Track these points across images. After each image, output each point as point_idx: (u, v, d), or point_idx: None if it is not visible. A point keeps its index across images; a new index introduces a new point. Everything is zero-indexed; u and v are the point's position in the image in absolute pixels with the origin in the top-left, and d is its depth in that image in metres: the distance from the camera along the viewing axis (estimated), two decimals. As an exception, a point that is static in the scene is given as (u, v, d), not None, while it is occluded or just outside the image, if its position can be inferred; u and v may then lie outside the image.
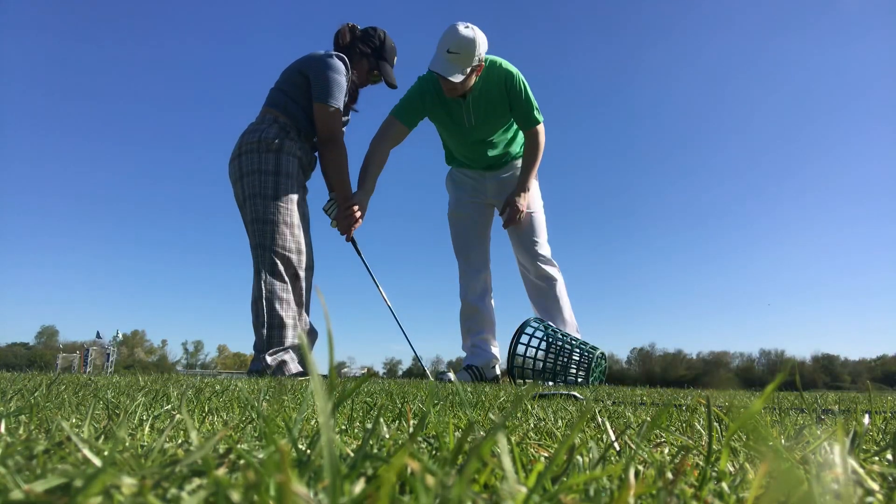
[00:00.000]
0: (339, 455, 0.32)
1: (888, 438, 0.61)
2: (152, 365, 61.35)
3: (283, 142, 2.87)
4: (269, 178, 2.82)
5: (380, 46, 3.15)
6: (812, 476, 0.31)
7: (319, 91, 2.88)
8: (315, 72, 2.91)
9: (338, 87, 2.90)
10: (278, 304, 2.77)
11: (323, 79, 2.89)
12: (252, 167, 2.85)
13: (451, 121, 3.32)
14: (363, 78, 3.18)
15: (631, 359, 78.70)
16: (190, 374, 6.68)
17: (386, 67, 3.18)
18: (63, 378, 1.83)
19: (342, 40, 3.13)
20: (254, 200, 2.83)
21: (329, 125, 2.89)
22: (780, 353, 75.97)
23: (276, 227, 2.80)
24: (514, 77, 3.19)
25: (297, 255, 2.86)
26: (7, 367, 4.71)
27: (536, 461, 0.43)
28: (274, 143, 2.85)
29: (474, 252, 3.57)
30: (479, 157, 3.49)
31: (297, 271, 2.87)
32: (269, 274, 2.78)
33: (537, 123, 3.28)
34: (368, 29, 3.18)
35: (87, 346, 28.45)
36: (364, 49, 3.13)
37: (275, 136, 2.86)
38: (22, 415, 0.60)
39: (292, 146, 2.91)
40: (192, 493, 0.29)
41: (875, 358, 77.22)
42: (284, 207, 2.83)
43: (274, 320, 2.75)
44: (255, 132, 2.90)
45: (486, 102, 3.22)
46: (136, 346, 73.02)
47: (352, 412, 0.77)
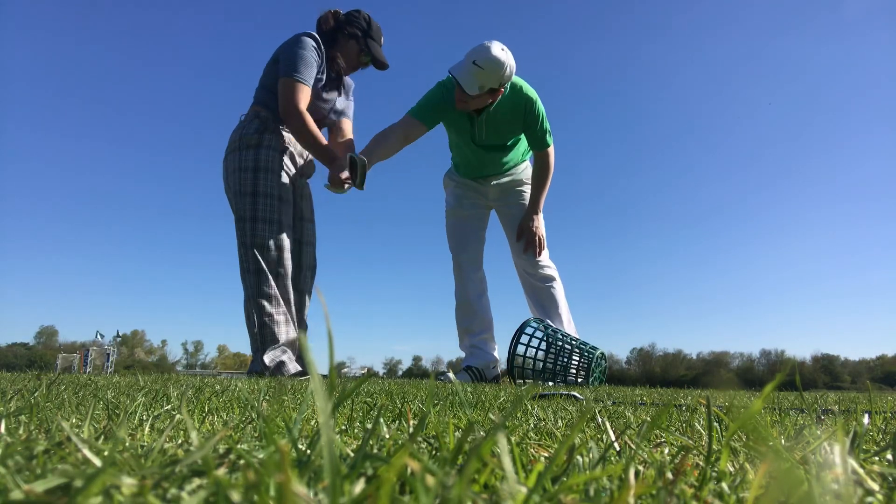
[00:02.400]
0: (339, 455, 0.32)
1: (888, 438, 0.61)
2: (152, 365, 61.33)
3: (261, 136, 2.84)
4: (247, 174, 2.80)
5: (366, 27, 3.08)
6: (812, 476, 0.31)
7: (283, 67, 2.83)
8: (283, 53, 2.87)
9: (302, 61, 2.82)
10: (265, 302, 2.75)
11: (288, 56, 2.83)
12: (234, 165, 2.84)
13: (461, 130, 3.31)
14: (353, 61, 3.09)
15: (631, 359, 78.69)
16: (190, 374, 6.68)
17: (375, 47, 3.10)
18: (63, 378, 1.83)
19: (325, 26, 3.04)
20: (235, 199, 2.83)
21: (285, 97, 2.79)
22: (780, 353, 75.96)
23: (255, 223, 2.78)
24: (535, 103, 3.18)
25: (278, 251, 2.82)
26: (7, 367, 4.71)
27: (536, 461, 0.43)
28: (252, 138, 2.83)
29: (471, 251, 3.56)
30: (482, 167, 3.48)
31: (279, 268, 2.83)
32: (255, 273, 2.76)
33: (549, 146, 3.30)
34: (352, 11, 3.10)
35: (87, 346, 28.46)
36: (352, 30, 3.05)
37: (254, 131, 2.84)
38: (22, 415, 0.60)
39: (272, 139, 2.86)
40: (192, 493, 0.29)
41: (875, 358, 77.23)
42: (263, 203, 2.80)
43: (264, 318, 2.74)
44: (237, 130, 2.90)
45: (501, 122, 3.21)
46: (136, 347, 73.02)
47: (352, 412, 0.77)
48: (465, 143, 3.37)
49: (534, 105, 3.18)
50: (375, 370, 64.00)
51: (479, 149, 3.37)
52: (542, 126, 3.22)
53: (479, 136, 3.27)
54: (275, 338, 2.75)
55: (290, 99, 2.79)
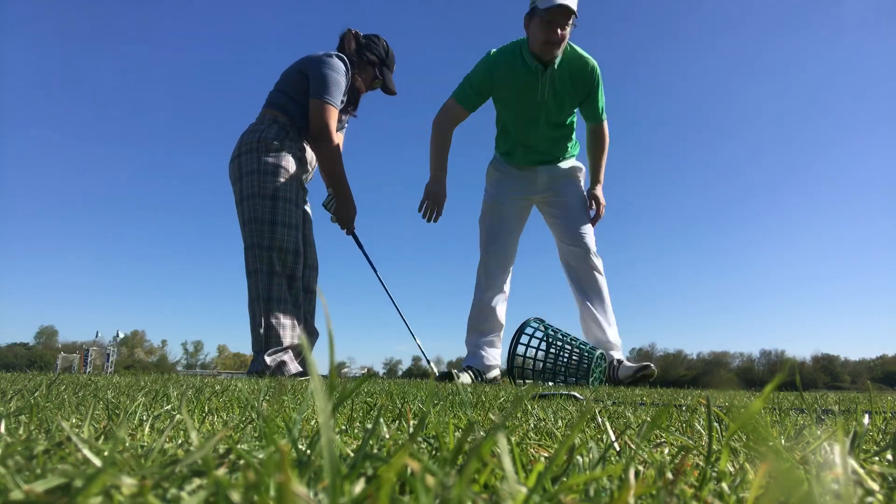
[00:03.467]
0: (339, 455, 0.32)
1: (888, 438, 0.61)
2: (152, 365, 61.33)
3: (283, 142, 2.88)
4: (268, 178, 2.82)
5: (384, 55, 3.21)
6: (812, 476, 0.31)
7: (316, 87, 2.90)
8: (314, 70, 2.92)
9: (335, 85, 2.92)
10: (275, 304, 2.77)
11: (321, 76, 2.90)
12: (252, 167, 2.84)
13: (522, 92, 3.17)
14: (367, 84, 3.21)
15: (631, 359, 78.63)
16: (190, 374, 6.68)
17: (388, 75, 3.24)
18: (63, 378, 1.83)
19: (348, 46, 3.15)
20: (252, 200, 2.83)
21: (322, 120, 2.89)
22: (780, 353, 76.01)
23: (274, 226, 2.80)
24: (597, 69, 3.17)
25: (295, 255, 2.86)
26: (7, 367, 4.71)
27: (536, 461, 0.43)
28: (273, 143, 2.85)
29: (505, 250, 3.42)
30: (536, 149, 3.36)
31: (294, 271, 2.86)
32: (267, 274, 2.78)
33: (604, 118, 3.35)
34: (372, 37, 3.22)
35: (87, 346, 28.47)
36: (371, 57, 3.17)
37: (275, 136, 2.87)
38: (22, 415, 0.60)
39: (292, 146, 2.92)
40: (192, 493, 0.29)
41: (875, 358, 77.24)
42: (283, 208, 2.82)
43: (271, 320, 2.75)
44: (254, 132, 2.90)
45: (567, 81, 3.14)
46: (136, 347, 73.04)
47: (352, 412, 0.77)
48: (520, 110, 3.23)
49: (596, 70, 3.16)
50: (375, 370, 64.00)
51: (538, 124, 3.25)
52: (602, 94, 3.22)
53: (542, 96, 3.14)
54: (279, 341, 2.75)
55: (326, 123, 2.90)
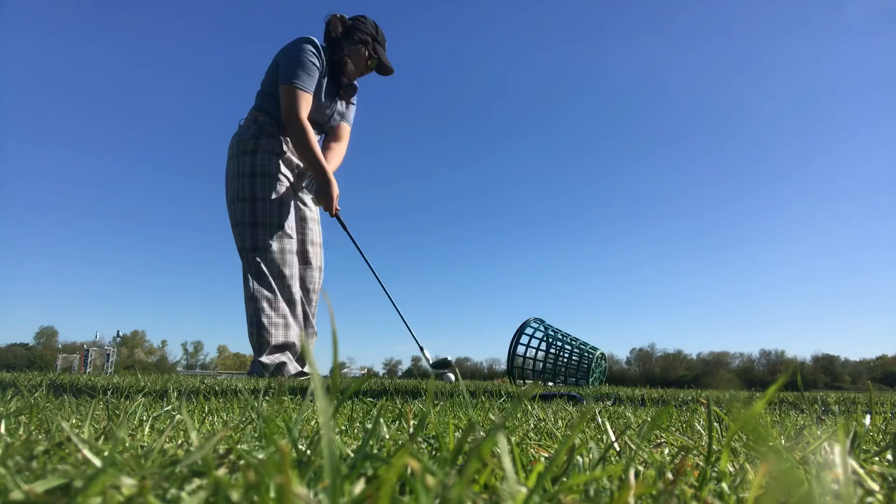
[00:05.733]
0: (339, 455, 0.32)
1: (888, 438, 0.61)
2: (152, 365, 61.31)
3: (257, 141, 2.84)
4: (244, 180, 2.81)
5: (374, 33, 3.12)
6: (812, 476, 0.31)
7: (283, 73, 2.84)
8: (281, 57, 2.88)
9: (301, 67, 2.83)
10: (266, 305, 2.77)
11: (287, 61, 2.85)
12: (232, 172, 2.85)
13: None
14: (362, 65, 3.11)
15: (631, 359, 78.70)
16: (190, 374, 6.68)
17: (382, 53, 3.15)
18: (63, 378, 1.83)
19: (334, 31, 3.05)
20: (234, 205, 2.84)
21: (287, 103, 2.81)
22: (780, 353, 75.96)
23: (255, 228, 2.79)
24: None
25: (280, 254, 2.83)
26: (7, 367, 4.70)
27: (536, 461, 0.43)
28: (249, 143, 2.84)
29: None
30: None
31: (282, 269, 2.83)
32: (254, 276, 2.78)
33: None
34: (358, 17, 3.14)
35: (87, 346, 28.45)
36: (362, 36, 3.07)
37: (252, 136, 2.85)
38: (22, 415, 0.60)
39: (269, 142, 2.86)
40: (192, 493, 0.29)
41: (875, 358, 77.21)
42: (262, 208, 2.80)
43: (262, 321, 2.75)
44: (235, 136, 2.91)
45: None
46: (136, 347, 73.03)
47: (352, 412, 0.77)
48: None
49: None
50: (375, 370, 63.97)
51: None
52: None
53: None
54: (270, 340, 2.75)
55: (293, 107, 2.80)
